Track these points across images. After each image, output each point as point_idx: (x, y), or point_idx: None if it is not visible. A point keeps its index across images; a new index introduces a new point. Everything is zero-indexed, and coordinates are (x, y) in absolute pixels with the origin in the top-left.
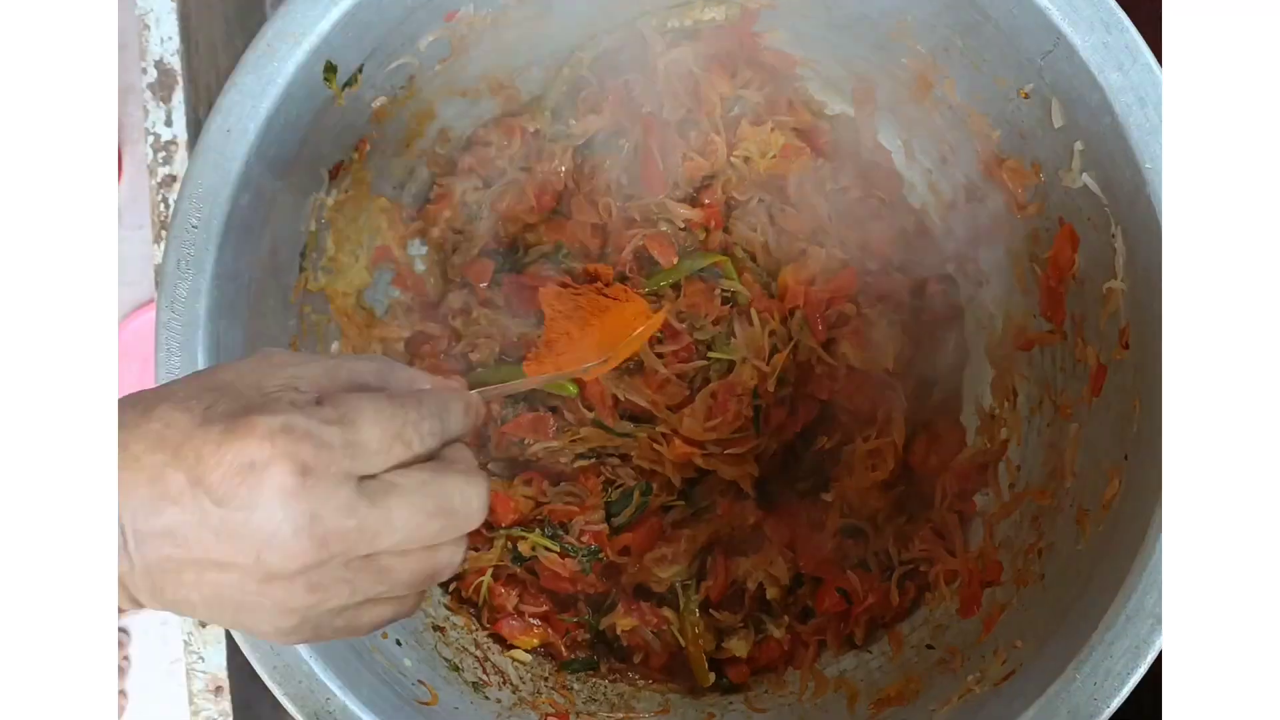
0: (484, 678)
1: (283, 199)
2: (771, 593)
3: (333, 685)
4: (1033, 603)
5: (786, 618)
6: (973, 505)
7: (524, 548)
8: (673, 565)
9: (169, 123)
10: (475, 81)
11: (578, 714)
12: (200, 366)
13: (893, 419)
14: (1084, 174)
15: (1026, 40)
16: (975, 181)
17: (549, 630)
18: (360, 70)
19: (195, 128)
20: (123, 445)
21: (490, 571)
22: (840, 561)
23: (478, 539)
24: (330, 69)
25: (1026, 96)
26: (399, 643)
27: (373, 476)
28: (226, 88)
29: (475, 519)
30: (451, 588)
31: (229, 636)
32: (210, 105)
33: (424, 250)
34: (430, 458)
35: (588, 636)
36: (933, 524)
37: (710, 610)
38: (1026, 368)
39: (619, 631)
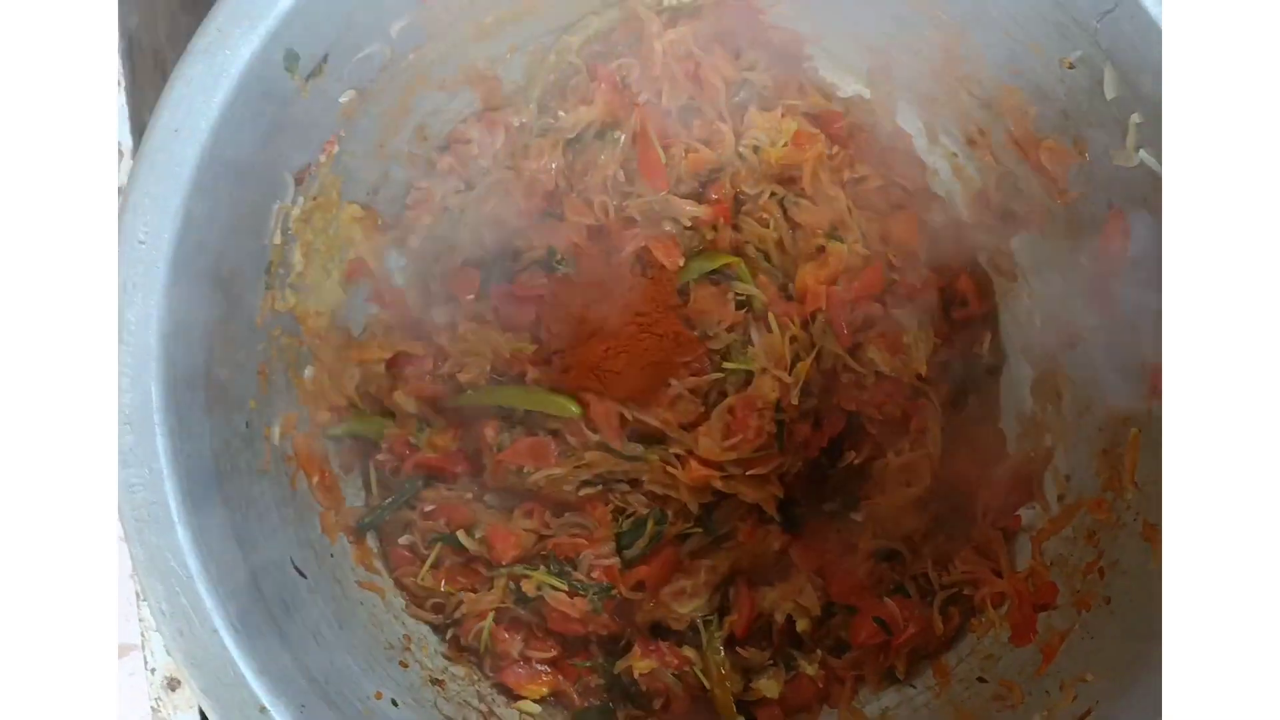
0: None
1: (243, 208)
2: (802, 625)
3: None
4: (1100, 630)
5: (819, 651)
6: (1017, 520)
7: (528, 587)
8: (692, 599)
9: None
10: (453, 71)
11: None
12: (156, 401)
13: (927, 429)
14: (1141, 150)
15: (1080, 0)
16: (1008, 165)
17: (559, 677)
18: (325, 60)
19: (140, 134)
20: None
21: (492, 615)
22: (875, 587)
23: (476, 579)
24: (292, 58)
25: (1071, 66)
26: (395, 702)
27: None
28: (172, 80)
29: None
30: (450, 634)
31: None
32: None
33: (403, 262)
34: None
35: (602, 682)
36: (974, 542)
37: (736, 647)
38: (1071, 367)
39: (636, 675)
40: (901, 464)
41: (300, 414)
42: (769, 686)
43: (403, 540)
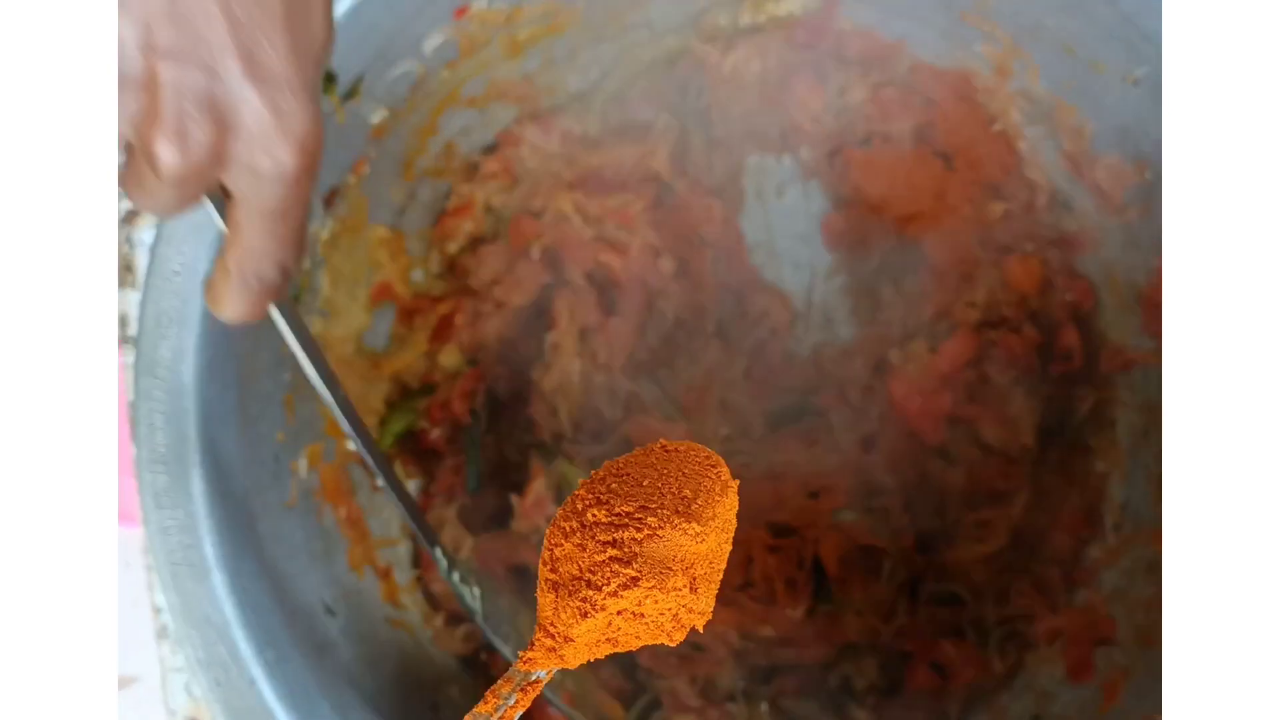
0: None
1: None
2: (860, 684)
3: None
4: None
5: (871, 699)
6: (1082, 571)
7: None
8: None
9: None
10: (482, 89)
11: None
12: (192, 441)
13: (1017, 492)
14: None
15: (1153, 16)
16: (1058, 184)
17: None
18: (361, 79)
19: None
20: None
21: None
22: (932, 631)
23: None
24: (330, 79)
25: (1135, 82)
26: None
27: None
28: None
29: None
30: (479, 668)
31: None
32: None
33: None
34: None
35: None
36: (1032, 576)
37: (781, 701)
38: (1125, 392)
39: None
40: (977, 520)
41: (326, 445)
42: None
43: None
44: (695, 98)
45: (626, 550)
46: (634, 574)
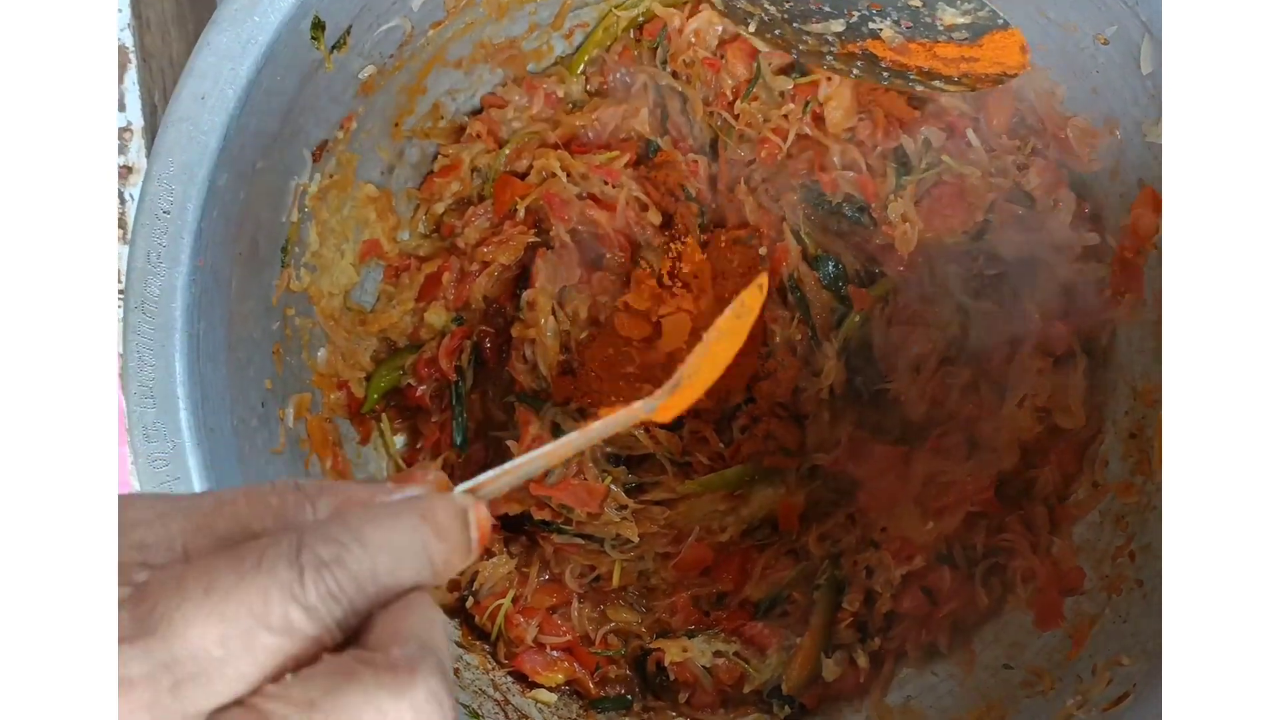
0: None
1: (263, 181)
2: (884, 601)
3: None
4: (1134, 613)
5: (879, 640)
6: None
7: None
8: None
9: (122, 107)
10: (469, 50)
11: None
12: (180, 375)
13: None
14: None
15: None
16: (1033, 144)
17: (575, 665)
18: (349, 32)
19: (150, 112)
20: None
21: (511, 594)
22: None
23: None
24: (318, 26)
25: (1105, 42)
26: None
27: (239, 703)
28: (199, 48)
29: None
30: (464, 617)
31: None
32: (165, 89)
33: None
34: (352, 638)
35: (622, 672)
36: (1023, 513)
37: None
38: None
39: (669, 663)
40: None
41: (314, 396)
42: (829, 669)
43: None
44: (662, 62)
45: None
46: None
